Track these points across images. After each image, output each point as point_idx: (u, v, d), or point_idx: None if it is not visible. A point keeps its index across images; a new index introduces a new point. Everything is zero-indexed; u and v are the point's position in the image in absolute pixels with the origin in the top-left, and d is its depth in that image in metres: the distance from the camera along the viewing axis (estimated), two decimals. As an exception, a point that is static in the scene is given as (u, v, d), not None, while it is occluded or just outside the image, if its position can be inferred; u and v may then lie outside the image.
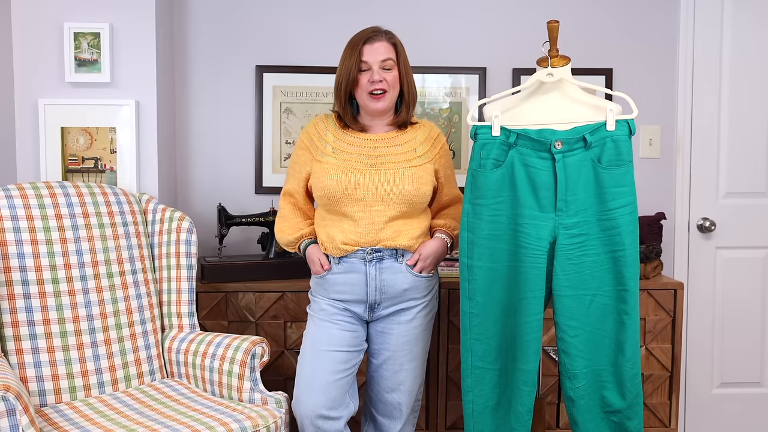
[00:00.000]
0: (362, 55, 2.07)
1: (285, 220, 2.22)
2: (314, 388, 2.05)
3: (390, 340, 2.14)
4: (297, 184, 2.20)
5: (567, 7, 3.03)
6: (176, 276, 2.40)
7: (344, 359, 2.09)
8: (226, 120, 3.01)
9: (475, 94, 3.03)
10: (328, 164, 2.11)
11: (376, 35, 2.10)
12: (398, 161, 2.11)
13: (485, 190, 1.99)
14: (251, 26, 2.99)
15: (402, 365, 2.16)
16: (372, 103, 2.09)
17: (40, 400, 2.05)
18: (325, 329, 2.10)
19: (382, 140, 2.14)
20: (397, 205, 2.07)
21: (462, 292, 2.04)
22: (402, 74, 2.12)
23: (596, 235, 1.96)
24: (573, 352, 2.00)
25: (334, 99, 2.15)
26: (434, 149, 2.18)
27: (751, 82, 3.04)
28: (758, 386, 3.12)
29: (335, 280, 2.11)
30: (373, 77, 2.06)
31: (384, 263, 2.09)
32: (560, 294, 1.98)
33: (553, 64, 2.04)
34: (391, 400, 2.17)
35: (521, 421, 2.05)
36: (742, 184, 3.07)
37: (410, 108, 2.16)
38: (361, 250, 2.08)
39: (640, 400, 2.05)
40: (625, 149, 1.96)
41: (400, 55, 2.12)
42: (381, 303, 2.11)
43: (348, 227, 2.08)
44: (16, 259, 2.11)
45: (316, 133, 2.18)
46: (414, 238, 2.10)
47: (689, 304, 3.08)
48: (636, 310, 1.99)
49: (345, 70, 2.09)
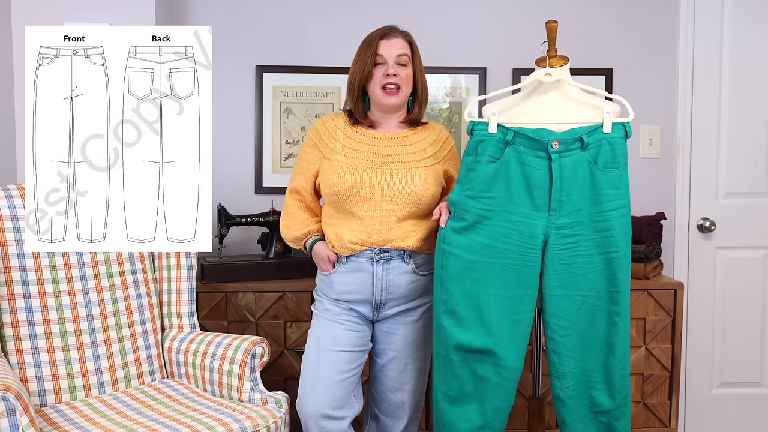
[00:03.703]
0: (378, 49, 2.07)
1: (292, 216, 2.21)
2: (319, 388, 2.05)
3: (395, 341, 2.15)
4: (305, 182, 2.19)
5: (567, 7, 3.03)
6: (176, 276, 2.41)
7: (349, 359, 2.09)
8: (226, 120, 3.01)
9: (475, 94, 3.03)
10: (338, 162, 2.10)
11: (393, 32, 2.11)
12: (408, 161, 2.10)
13: (476, 182, 1.98)
14: (251, 26, 2.99)
15: (407, 365, 2.16)
16: (385, 98, 2.09)
17: (40, 400, 2.05)
18: (330, 329, 2.10)
19: (392, 139, 2.14)
20: (406, 205, 2.07)
21: (435, 277, 2.03)
22: (416, 72, 2.13)
23: (589, 237, 1.96)
24: (563, 352, 2.00)
25: (347, 95, 2.15)
26: (443, 151, 2.18)
27: (751, 82, 3.04)
28: (758, 386, 3.12)
29: (341, 279, 2.11)
30: (388, 71, 2.06)
31: (391, 264, 2.08)
32: (551, 294, 1.98)
33: (551, 64, 2.04)
34: (395, 400, 2.18)
35: (499, 417, 2.03)
36: (742, 184, 3.07)
37: (422, 106, 2.17)
38: (369, 249, 2.07)
39: (629, 401, 2.06)
40: (620, 152, 1.96)
41: (415, 54, 2.13)
42: (386, 303, 2.11)
43: (356, 226, 2.07)
44: (16, 259, 2.11)
45: (326, 130, 2.17)
46: (422, 240, 2.10)
47: (689, 304, 3.08)
48: (627, 311, 2.00)
49: (360, 64, 2.09)
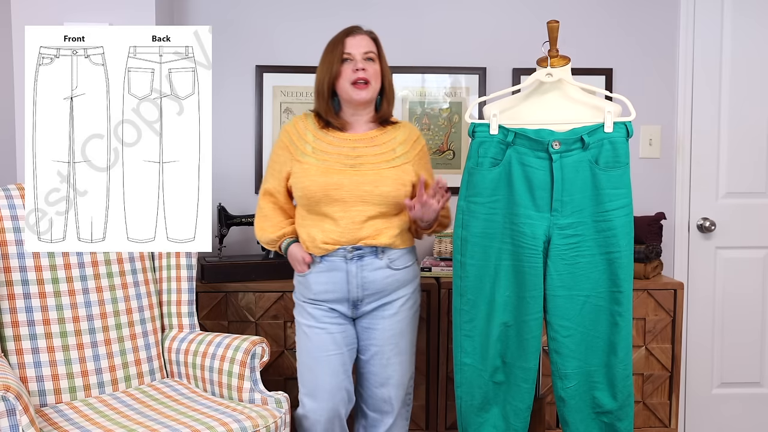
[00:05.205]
0: (345, 47, 2.10)
1: (266, 218, 2.23)
2: (320, 395, 2.11)
3: (376, 335, 2.17)
4: (278, 183, 2.21)
5: (567, 7, 3.03)
6: (176, 276, 2.41)
7: (341, 361, 2.13)
8: (226, 120, 3.01)
9: (475, 94, 3.03)
10: (308, 165, 2.12)
11: (358, 30, 2.15)
12: (377, 162, 2.12)
13: (481, 188, 1.99)
14: (251, 26, 2.99)
15: (389, 359, 2.18)
16: (355, 93, 2.10)
17: (40, 400, 2.05)
18: (317, 335, 2.14)
19: (362, 140, 2.16)
20: (377, 205, 2.09)
21: (455, 288, 2.07)
22: (383, 70, 2.15)
23: (591, 237, 1.96)
24: (565, 352, 2.01)
25: (316, 97, 2.16)
26: (414, 150, 2.20)
27: (751, 82, 3.04)
28: (758, 386, 3.12)
29: (317, 279, 2.14)
30: (357, 66, 2.08)
31: (365, 260, 2.11)
32: (553, 294, 1.98)
33: (552, 64, 2.04)
34: (381, 395, 2.20)
35: (520, 418, 2.06)
36: (742, 184, 3.07)
37: (390, 104, 2.19)
38: (342, 248, 2.10)
39: (631, 402, 2.05)
40: (622, 151, 1.96)
41: (380, 51, 2.16)
42: (363, 299, 2.14)
43: (329, 227, 2.10)
44: (16, 259, 2.11)
45: (296, 132, 2.19)
46: (394, 236, 2.13)
47: (689, 304, 3.08)
48: (629, 311, 1.99)
49: (327, 65, 2.12)
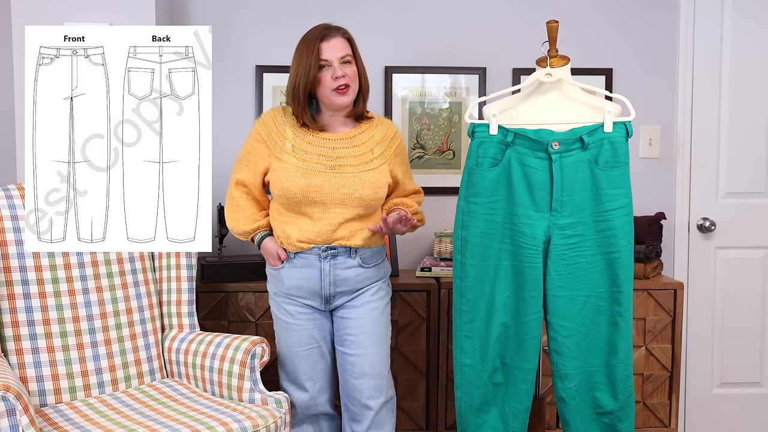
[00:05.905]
0: (321, 54, 2.06)
1: (240, 209, 2.22)
2: (300, 385, 2.23)
3: (350, 325, 2.19)
4: (252, 176, 2.19)
5: (567, 7, 3.03)
6: (176, 276, 2.41)
7: (320, 353, 2.23)
8: (226, 120, 3.01)
9: (475, 94, 3.03)
10: (289, 164, 2.12)
11: (331, 32, 2.10)
12: (356, 164, 2.14)
13: (481, 188, 1.99)
14: (251, 26, 2.99)
15: (365, 348, 2.19)
16: (338, 99, 2.09)
17: (40, 400, 2.05)
18: (294, 332, 2.20)
19: (341, 140, 2.16)
20: (355, 208, 2.12)
21: (455, 288, 2.07)
22: (359, 68, 2.14)
23: (591, 237, 1.96)
24: (565, 353, 2.01)
25: (291, 100, 2.13)
26: (390, 148, 2.21)
27: (751, 81, 3.04)
28: (758, 386, 3.12)
29: (290, 274, 2.17)
30: (336, 73, 2.06)
31: (338, 259, 2.15)
32: (553, 294, 1.98)
33: (552, 64, 2.04)
34: (359, 386, 2.20)
35: (519, 419, 2.06)
36: (742, 184, 3.07)
37: (366, 100, 2.19)
38: (316, 247, 2.14)
39: (632, 402, 2.05)
40: (622, 151, 1.96)
41: (355, 50, 2.15)
42: (335, 295, 2.18)
43: (306, 226, 2.12)
44: (16, 259, 2.11)
45: (274, 126, 2.18)
46: (368, 238, 2.15)
47: (689, 304, 3.08)
48: (630, 311, 1.99)
49: (303, 68, 2.07)
